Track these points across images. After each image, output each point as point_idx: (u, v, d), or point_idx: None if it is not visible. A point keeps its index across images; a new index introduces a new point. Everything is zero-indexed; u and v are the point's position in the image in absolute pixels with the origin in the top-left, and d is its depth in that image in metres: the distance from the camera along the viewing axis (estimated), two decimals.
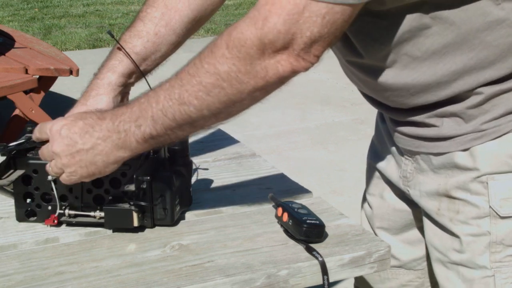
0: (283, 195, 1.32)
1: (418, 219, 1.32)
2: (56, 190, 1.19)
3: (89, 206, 1.20)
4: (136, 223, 1.16)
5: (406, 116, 1.17)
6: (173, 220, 1.19)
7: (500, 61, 1.06)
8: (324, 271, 1.06)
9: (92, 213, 1.20)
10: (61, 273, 1.05)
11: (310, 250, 1.09)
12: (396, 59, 1.09)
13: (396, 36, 1.06)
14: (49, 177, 1.18)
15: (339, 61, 1.22)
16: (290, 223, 1.14)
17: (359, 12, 1.04)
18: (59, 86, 4.31)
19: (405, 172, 1.25)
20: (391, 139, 1.26)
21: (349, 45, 1.14)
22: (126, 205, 1.16)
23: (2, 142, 1.22)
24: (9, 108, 3.69)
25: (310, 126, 4.46)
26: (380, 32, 1.07)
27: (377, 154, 1.36)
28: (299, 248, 1.11)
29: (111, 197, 1.18)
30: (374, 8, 1.04)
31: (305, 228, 1.12)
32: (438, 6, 1.02)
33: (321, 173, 3.72)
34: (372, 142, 1.40)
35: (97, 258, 1.10)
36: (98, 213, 1.19)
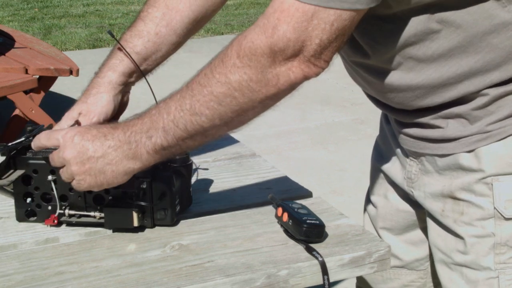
0: (283, 195, 1.32)
1: (422, 220, 1.32)
2: (56, 190, 1.19)
3: (89, 206, 1.20)
4: (136, 223, 1.16)
5: (411, 117, 1.17)
6: (173, 220, 1.19)
7: (506, 63, 1.06)
8: (324, 271, 1.06)
9: (92, 213, 1.20)
10: (61, 273, 1.05)
11: (310, 250, 1.09)
12: (401, 61, 1.09)
13: (402, 39, 1.06)
14: (49, 177, 1.18)
15: (343, 62, 1.22)
16: (290, 223, 1.14)
17: (365, 14, 1.04)
18: (59, 86, 4.30)
19: (409, 174, 1.24)
20: (396, 141, 1.26)
21: (354, 46, 1.13)
22: (126, 205, 1.16)
23: (2, 142, 1.22)
24: (9, 108, 3.69)
25: (310, 126, 4.46)
26: (385, 36, 1.07)
27: (381, 155, 1.36)
28: (299, 248, 1.11)
29: (111, 197, 1.18)
30: (380, 12, 1.04)
31: (305, 228, 1.11)
32: (444, 9, 1.02)
33: (321, 173, 3.72)
34: (376, 143, 1.40)
35: (97, 258, 1.10)
36: (98, 213, 1.19)
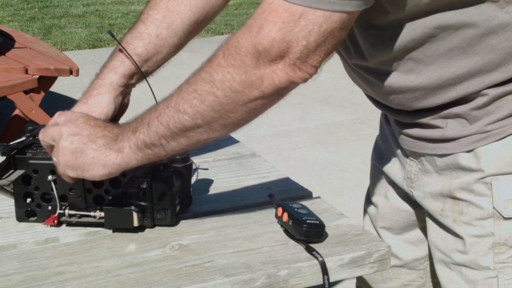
0: (283, 195, 1.32)
1: (421, 219, 1.32)
2: (56, 190, 1.19)
3: (89, 206, 1.20)
4: (136, 223, 1.16)
5: (411, 117, 1.17)
6: (173, 220, 1.19)
7: (505, 64, 1.06)
8: (324, 271, 1.06)
9: (92, 213, 1.20)
10: (61, 273, 1.05)
11: (310, 250, 1.09)
12: (401, 63, 1.09)
13: (401, 45, 1.06)
14: (49, 177, 1.18)
15: (343, 64, 1.22)
16: (290, 223, 1.14)
17: (362, 25, 1.04)
18: (59, 86, 4.31)
19: (409, 174, 1.24)
20: (396, 141, 1.26)
21: (354, 49, 1.13)
22: (126, 205, 1.16)
23: (2, 142, 1.22)
24: (9, 108, 3.69)
25: (310, 126, 4.46)
26: (384, 43, 1.07)
27: (381, 155, 1.36)
28: (299, 248, 1.11)
29: (111, 197, 1.18)
30: (376, 21, 1.04)
31: (305, 228, 1.11)
32: (442, 14, 1.02)
33: (321, 173, 3.72)
34: (376, 143, 1.40)
35: (97, 258, 1.10)
36: (98, 213, 1.19)
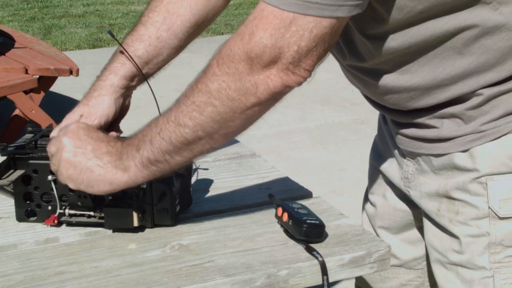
0: (283, 195, 1.32)
1: (418, 219, 1.32)
2: (56, 190, 1.19)
3: (89, 206, 1.20)
4: (136, 223, 1.16)
5: (407, 117, 1.17)
6: (173, 220, 1.19)
7: (500, 64, 1.06)
8: (324, 271, 1.06)
9: (92, 213, 1.20)
10: (61, 273, 1.05)
11: (310, 250, 1.09)
12: (395, 64, 1.09)
13: (395, 50, 1.06)
14: (49, 177, 1.18)
15: (339, 64, 1.22)
16: (290, 223, 1.14)
17: (357, 31, 1.04)
18: (59, 86, 4.31)
19: (406, 173, 1.25)
20: (393, 141, 1.26)
21: (348, 50, 1.14)
22: (126, 205, 1.16)
23: (2, 142, 1.22)
24: (9, 108, 3.69)
25: (310, 126, 4.46)
26: (379, 49, 1.08)
27: (379, 155, 1.36)
28: (299, 248, 1.11)
29: (111, 197, 1.18)
30: (372, 30, 1.05)
31: (305, 228, 1.12)
32: (436, 21, 1.02)
33: (321, 173, 3.72)
34: (375, 143, 1.40)
35: (97, 258, 1.10)
36: (98, 213, 1.19)
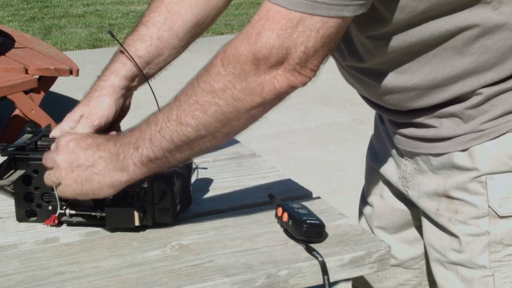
0: (283, 195, 1.32)
1: (416, 218, 1.32)
2: (56, 190, 1.19)
3: (90, 206, 1.20)
4: (137, 223, 1.16)
5: (405, 117, 1.17)
6: (174, 220, 1.19)
7: (500, 64, 1.06)
8: (324, 271, 1.06)
9: (93, 213, 1.20)
10: (61, 273, 1.06)
11: (310, 250, 1.09)
12: (396, 64, 1.09)
13: (396, 50, 1.07)
14: None
15: (337, 65, 1.22)
16: (290, 223, 1.14)
17: (359, 32, 1.04)
18: (59, 86, 4.30)
19: (404, 173, 1.25)
20: (391, 140, 1.26)
21: (348, 51, 1.14)
22: (127, 205, 1.16)
23: (2, 142, 1.22)
24: (9, 108, 3.69)
25: (310, 126, 4.46)
26: (379, 50, 1.08)
27: (376, 155, 1.36)
28: (299, 248, 1.11)
29: (111, 196, 1.18)
30: (373, 31, 1.05)
31: (305, 228, 1.12)
32: (436, 22, 1.02)
33: (321, 173, 3.72)
34: (371, 142, 1.40)
35: (97, 258, 1.10)
36: (99, 213, 1.19)
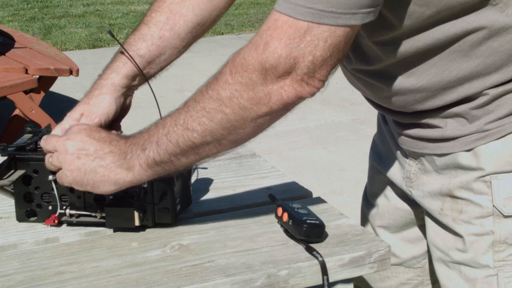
0: (283, 195, 1.32)
1: (419, 218, 1.32)
2: (56, 190, 1.19)
3: (90, 206, 1.20)
4: (137, 223, 1.16)
5: (410, 118, 1.17)
6: (174, 220, 1.19)
7: (507, 65, 1.06)
8: (324, 271, 1.06)
9: (93, 213, 1.20)
10: (61, 273, 1.05)
11: (310, 250, 1.09)
12: (403, 67, 1.09)
13: (403, 55, 1.07)
14: (50, 177, 1.18)
15: (342, 69, 1.21)
16: (290, 223, 1.14)
17: (366, 38, 1.04)
18: (59, 86, 4.31)
19: (408, 173, 1.24)
20: (394, 141, 1.26)
21: (354, 55, 1.14)
22: (127, 205, 1.16)
23: (2, 142, 1.22)
24: (9, 108, 3.69)
25: (310, 126, 4.46)
26: (386, 55, 1.08)
27: (379, 155, 1.36)
28: (299, 248, 1.11)
29: (112, 196, 1.18)
30: (380, 37, 1.05)
31: (305, 228, 1.11)
32: (443, 26, 1.02)
33: (321, 173, 3.72)
34: (374, 142, 1.40)
35: (97, 258, 1.10)
36: (99, 213, 1.19)
